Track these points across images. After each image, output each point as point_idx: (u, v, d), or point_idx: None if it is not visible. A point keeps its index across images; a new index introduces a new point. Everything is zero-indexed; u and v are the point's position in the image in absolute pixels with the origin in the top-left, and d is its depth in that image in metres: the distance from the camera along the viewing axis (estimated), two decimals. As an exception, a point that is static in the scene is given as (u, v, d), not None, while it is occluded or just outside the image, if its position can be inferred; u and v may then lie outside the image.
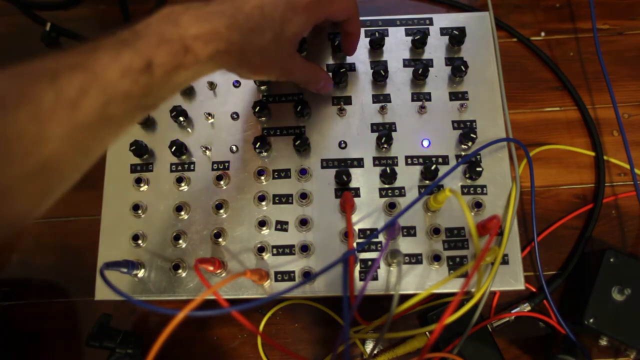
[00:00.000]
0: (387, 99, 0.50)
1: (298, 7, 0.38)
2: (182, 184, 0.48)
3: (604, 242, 0.55)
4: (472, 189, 0.47)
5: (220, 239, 0.46)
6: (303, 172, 0.48)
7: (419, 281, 0.45)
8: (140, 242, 0.47)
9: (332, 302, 0.52)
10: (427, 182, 0.47)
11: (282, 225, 0.47)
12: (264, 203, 0.47)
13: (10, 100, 0.27)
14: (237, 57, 0.37)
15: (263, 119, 0.50)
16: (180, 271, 0.46)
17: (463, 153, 0.48)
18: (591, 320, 0.46)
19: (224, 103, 0.51)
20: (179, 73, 0.33)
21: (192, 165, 0.49)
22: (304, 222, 0.46)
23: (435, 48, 0.52)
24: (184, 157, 0.49)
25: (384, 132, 0.48)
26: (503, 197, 0.47)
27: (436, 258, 0.45)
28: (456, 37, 0.50)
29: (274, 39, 0.38)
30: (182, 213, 0.47)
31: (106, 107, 0.30)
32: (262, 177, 0.48)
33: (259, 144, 0.47)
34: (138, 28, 0.33)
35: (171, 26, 0.33)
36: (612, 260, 0.48)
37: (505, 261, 0.45)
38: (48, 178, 0.29)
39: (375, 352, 0.50)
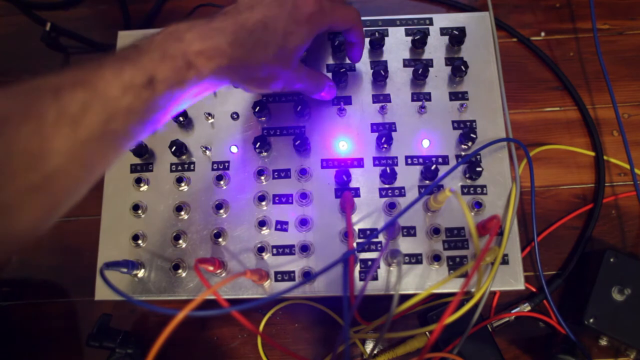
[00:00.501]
0: (387, 99, 0.50)
1: (300, 19, 0.39)
2: (182, 184, 0.48)
3: (604, 242, 0.55)
4: (472, 189, 0.47)
5: (220, 239, 0.46)
6: (303, 172, 0.48)
7: (419, 281, 0.45)
8: (140, 242, 0.47)
9: (332, 302, 0.52)
10: (427, 182, 0.47)
11: (282, 225, 0.47)
12: (264, 203, 0.47)
13: (14, 116, 0.28)
14: (240, 72, 0.37)
15: (263, 119, 0.50)
16: (180, 271, 0.46)
17: (463, 153, 0.48)
18: (591, 320, 0.46)
19: (224, 103, 0.51)
20: (181, 88, 0.33)
21: (192, 165, 0.49)
22: (304, 222, 0.46)
23: (435, 48, 0.52)
24: (184, 157, 0.49)
25: (384, 132, 0.48)
26: (503, 197, 0.47)
27: (436, 258, 0.45)
28: (456, 37, 0.50)
29: (277, 53, 0.38)
30: (182, 213, 0.47)
31: (108, 123, 0.30)
32: (262, 177, 0.48)
33: (259, 144, 0.47)
34: (141, 45, 0.33)
35: (174, 42, 0.33)
36: (612, 260, 0.48)
37: (505, 261, 0.45)
38: (52, 193, 0.29)
39: (375, 352, 0.50)
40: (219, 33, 0.35)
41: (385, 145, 0.48)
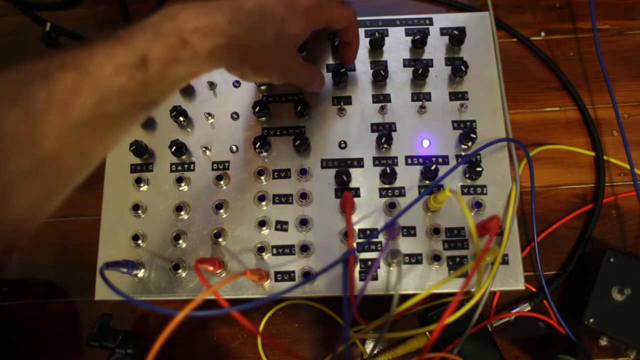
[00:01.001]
0: (387, 99, 0.50)
1: (298, 9, 0.39)
2: (182, 184, 0.48)
3: (604, 242, 0.55)
4: (472, 189, 0.47)
5: (220, 239, 0.46)
6: (303, 172, 0.48)
7: (419, 281, 0.45)
8: (140, 242, 0.47)
9: (332, 302, 0.52)
10: (427, 182, 0.47)
11: (282, 225, 0.47)
12: (264, 203, 0.47)
13: (2, 100, 0.27)
14: (238, 53, 0.36)
15: (263, 119, 0.50)
16: (180, 271, 0.46)
17: (463, 153, 0.48)
18: (591, 320, 0.46)
19: (224, 103, 0.51)
20: (176, 68, 0.33)
21: (192, 165, 0.49)
22: (304, 222, 0.46)
23: (435, 48, 0.52)
24: (184, 157, 0.49)
25: (384, 132, 0.48)
26: (503, 197, 0.47)
27: (436, 258, 0.45)
28: (456, 37, 0.50)
29: (275, 38, 0.38)
30: (182, 213, 0.47)
31: (101, 105, 0.29)
32: (262, 177, 0.48)
33: (259, 144, 0.47)
34: (134, 26, 0.32)
35: (168, 21, 0.33)
36: (612, 260, 0.48)
37: (505, 261, 0.45)
38: (45, 178, 0.29)
39: (375, 352, 0.50)
40: (216, 12, 0.34)
41: (385, 145, 0.48)
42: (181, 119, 0.49)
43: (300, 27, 0.39)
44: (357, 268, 0.46)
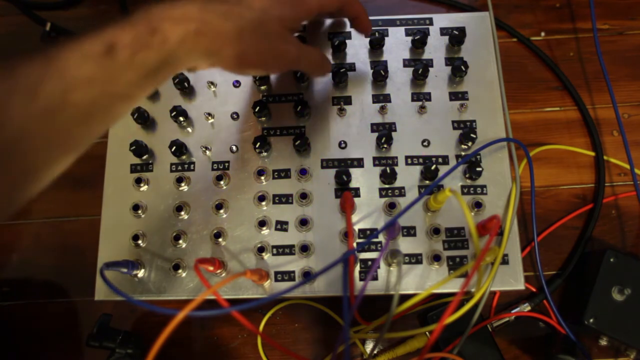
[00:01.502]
0: (387, 99, 0.50)
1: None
2: (182, 184, 0.48)
3: (604, 242, 0.55)
4: (472, 189, 0.47)
5: (220, 239, 0.46)
6: (303, 172, 0.48)
7: (419, 281, 0.45)
8: (140, 242, 0.47)
9: (332, 302, 0.52)
10: (427, 182, 0.47)
11: (282, 225, 0.47)
12: (264, 203, 0.47)
13: None
14: (213, 39, 0.35)
15: (263, 119, 0.50)
16: (180, 271, 0.46)
17: (463, 153, 0.48)
18: (591, 320, 0.46)
19: (224, 103, 0.51)
20: (146, 54, 0.32)
21: (192, 165, 0.49)
22: (304, 222, 0.46)
23: (435, 48, 0.52)
24: (184, 157, 0.49)
25: (384, 132, 0.48)
26: (503, 197, 0.47)
27: (436, 258, 0.45)
28: (456, 37, 0.50)
29: (256, 20, 0.37)
30: (182, 213, 0.47)
31: (68, 93, 0.29)
32: (262, 177, 0.48)
33: (259, 144, 0.47)
34: (106, 25, 0.32)
35: (140, 13, 0.33)
36: (612, 260, 0.48)
37: (505, 261, 0.45)
38: (9, 165, 0.29)
39: (375, 352, 0.50)
40: (187, 3, 0.34)
41: (385, 145, 0.48)
42: (181, 119, 0.49)
43: (284, 9, 0.38)
44: (357, 268, 0.46)
